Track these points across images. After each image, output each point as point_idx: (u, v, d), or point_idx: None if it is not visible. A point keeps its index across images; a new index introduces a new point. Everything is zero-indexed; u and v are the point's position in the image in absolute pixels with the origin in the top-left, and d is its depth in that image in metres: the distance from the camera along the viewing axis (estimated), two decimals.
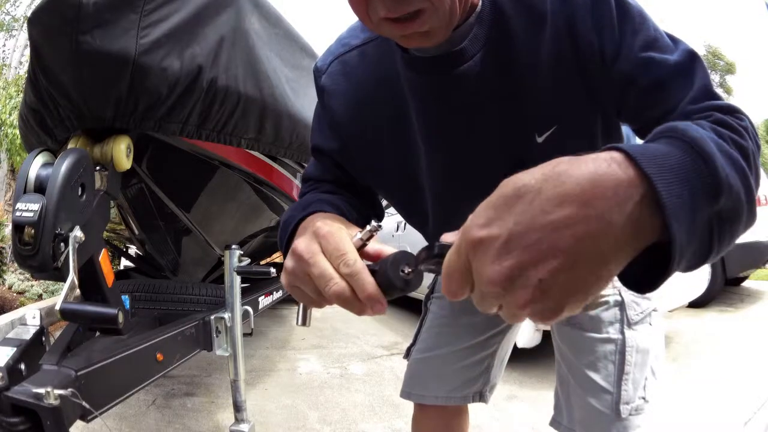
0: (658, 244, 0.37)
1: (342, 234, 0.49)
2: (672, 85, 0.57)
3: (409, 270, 0.45)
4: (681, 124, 0.43)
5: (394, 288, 0.45)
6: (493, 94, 0.64)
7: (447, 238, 0.43)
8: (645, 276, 0.40)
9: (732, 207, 0.40)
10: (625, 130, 0.73)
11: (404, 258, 0.45)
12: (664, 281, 0.40)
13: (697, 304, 4.16)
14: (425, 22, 0.53)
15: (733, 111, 0.53)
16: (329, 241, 0.48)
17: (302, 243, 0.50)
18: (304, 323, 0.58)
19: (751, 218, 0.43)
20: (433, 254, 0.43)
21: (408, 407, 1.07)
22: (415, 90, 0.67)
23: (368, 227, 0.49)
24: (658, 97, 0.58)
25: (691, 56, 0.58)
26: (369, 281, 0.45)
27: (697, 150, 0.39)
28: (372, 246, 0.50)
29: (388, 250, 0.50)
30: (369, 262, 0.49)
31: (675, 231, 0.35)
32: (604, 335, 0.86)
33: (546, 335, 2.78)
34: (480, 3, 0.62)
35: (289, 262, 0.51)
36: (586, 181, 0.34)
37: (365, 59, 0.72)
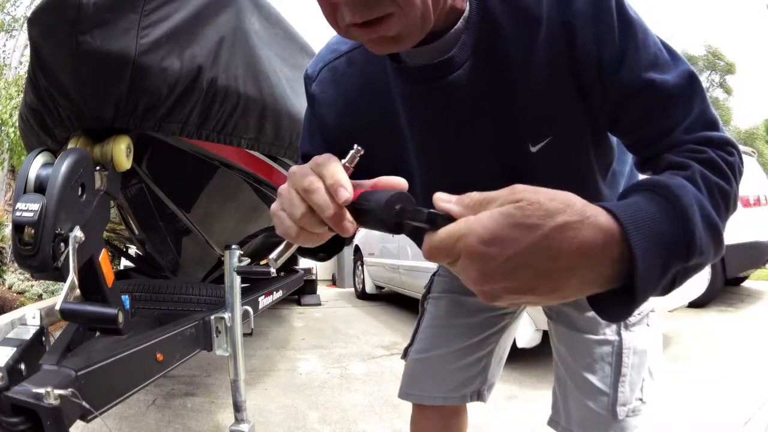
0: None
1: (334, 159, 0.48)
2: (668, 109, 0.56)
3: (402, 208, 0.44)
4: (675, 185, 0.47)
5: (383, 226, 0.45)
6: (485, 102, 0.63)
7: (441, 200, 0.43)
8: (606, 302, 0.46)
9: (698, 264, 0.47)
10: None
11: (400, 200, 0.45)
12: (623, 318, 0.47)
13: (697, 304, 4.16)
14: (393, 26, 0.51)
15: (725, 144, 0.55)
16: (321, 165, 0.47)
17: (299, 169, 0.48)
18: (275, 262, 0.54)
19: (715, 260, 0.50)
20: (422, 220, 0.43)
21: (408, 407, 1.07)
22: (405, 99, 0.66)
23: (351, 151, 0.49)
24: (653, 118, 0.57)
25: (690, 78, 0.57)
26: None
27: (684, 223, 0.45)
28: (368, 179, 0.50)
29: (385, 180, 0.49)
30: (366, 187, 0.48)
31: (639, 294, 0.42)
32: (601, 337, 0.86)
33: (546, 335, 2.78)
34: (467, 7, 0.60)
35: (284, 186, 0.49)
36: (584, 250, 0.40)
37: (353, 65, 0.71)
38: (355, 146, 0.49)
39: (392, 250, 5.10)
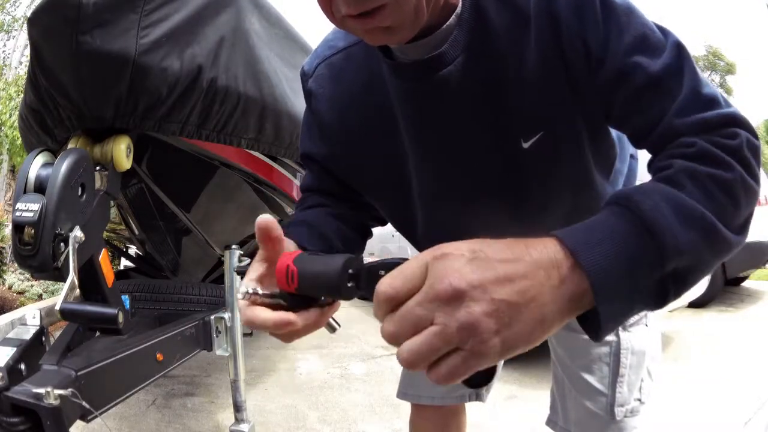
0: None
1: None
2: (657, 94, 0.54)
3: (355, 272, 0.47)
4: (637, 192, 0.46)
5: (339, 296, 0.49)
6: (476, 99, 0.62)
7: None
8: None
9: (689, 264, 0.44)
10: (617, 133, 0.71)
11: (350, 265, 0.47)
12: (603, 336, 0.44)
13: (697, 304, 4.16)
14: (387, 17, 0.51)
15: (723, 125, 0.51)
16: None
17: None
18: (332, 331, 0.63)
19: (720, 257, 0.47)
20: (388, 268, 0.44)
21: (408, 407, 1.08)
22: (399, 96, 0.66)
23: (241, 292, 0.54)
24: (644, 103, 0.55)
25: (679, 52, 0.55)
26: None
27: (645, 225, 0.43)
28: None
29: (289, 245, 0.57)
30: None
31: (603, 314, 0.41)
32: None
33: None
34: (460, 4, 0.59)
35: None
36: (549, 310, 0.41)
37: (351, 61, 0.71)
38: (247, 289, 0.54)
39: (392, 250, 5.10)
